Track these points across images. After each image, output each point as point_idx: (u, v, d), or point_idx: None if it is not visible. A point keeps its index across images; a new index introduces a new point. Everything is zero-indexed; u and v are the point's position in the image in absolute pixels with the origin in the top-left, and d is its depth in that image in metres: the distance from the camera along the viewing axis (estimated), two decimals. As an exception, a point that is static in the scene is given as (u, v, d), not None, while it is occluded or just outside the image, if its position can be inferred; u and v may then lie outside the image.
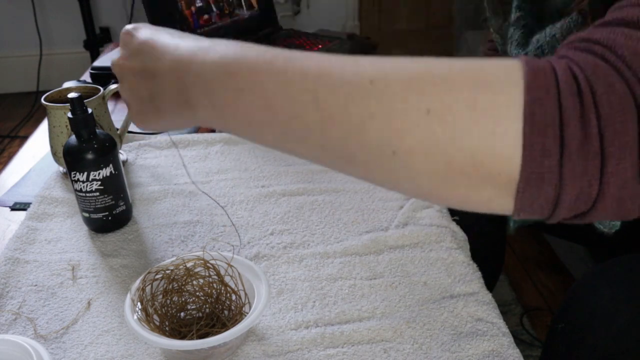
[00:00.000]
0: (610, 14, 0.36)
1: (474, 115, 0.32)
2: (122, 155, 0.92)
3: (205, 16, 1.20)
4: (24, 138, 1.73)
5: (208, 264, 0.59)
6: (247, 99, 0.38)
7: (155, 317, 0.56)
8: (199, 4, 1.19)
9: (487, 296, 0.64)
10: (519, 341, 1.22)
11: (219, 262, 0.59)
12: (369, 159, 0.36)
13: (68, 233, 0.75)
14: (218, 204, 0.80)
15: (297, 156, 0.40)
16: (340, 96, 0.35)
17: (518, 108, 0.31)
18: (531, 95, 0.31)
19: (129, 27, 0.49)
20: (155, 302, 0.57)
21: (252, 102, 0.38)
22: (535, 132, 0.31)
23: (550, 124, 0.31)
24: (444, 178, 0.34)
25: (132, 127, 1.00)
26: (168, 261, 0.60)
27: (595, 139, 0.31)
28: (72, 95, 0.68)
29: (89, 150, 0.69)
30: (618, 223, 0.67)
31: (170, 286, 0.58)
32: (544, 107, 0.31)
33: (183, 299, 0.59)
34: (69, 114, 0.68)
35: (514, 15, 0.67)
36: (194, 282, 0.59)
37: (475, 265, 0.69)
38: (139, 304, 0.56)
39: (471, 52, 1.86)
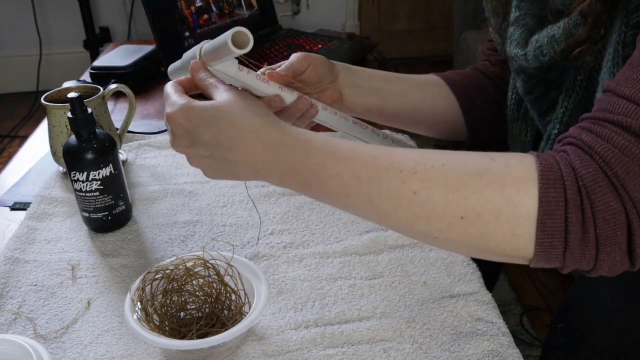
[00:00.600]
0: (599, 104, 0.46)
1: (498, 222, 0.43)
2: (122, 155, 0.92)
3: (205, 16, 1.20)
4: (24, 138, 1.73)
5: (208, 264, 0.59)
6: (314, 192, 0.49)
7: (155, 317, 0.56)
8: (199, 4, 1.19)
9: (487, 296, 0.64)
10: (519, 341, 1.22)
11: (219, 262, 0.59)
12: (418, 238, 0.48)
13: (68, 233, 0.75)
14: (254, 205, 0.80)
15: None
16: (391, 201, 0.45)
17: (533, 218, 0.41)
18: (544, 209, 0.41)
19: (173, 113, 0.52)
20: (155, 302, 0.57)
21: (317, 194, 0.49)
22: (546, 236, 0.42)
23: (557, 231, 0.41)
24: (477, 254, 0.46)
25: (132, 127, 1.00)
26: (168, 261, 0.60)
27: (592, 240, 0.41)
28: (72, 95, 0.68)
29: (89, 150, 0.69)
30: None
31: (170, 286, 0.58)
32: (554, 218, 0.41)
33: (183, 299, 0.59)
34: (69, 114, 0.68)
35: (513, 15, 0.67)
36: (194, 282, 0.59)
37: (475, 265, 0.69)
38: (139, 304, 0.56)
39: (471, 52, 1.86)
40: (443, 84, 0.77)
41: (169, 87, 0.55)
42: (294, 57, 0.66)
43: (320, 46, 1.25)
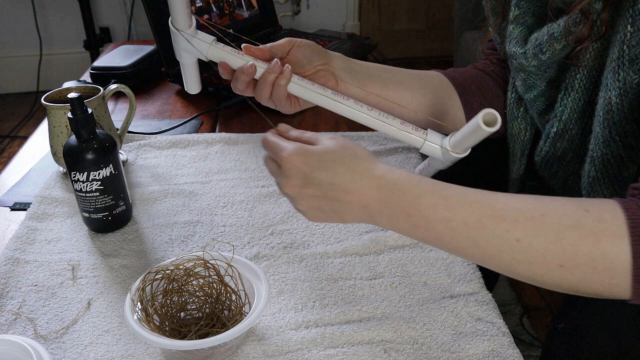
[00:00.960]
0: None
1: (595, 272, 0.45)
2: (122, 155, 0.92)
3: (205, 16, 1.20)
4: (24, 138, 1.74)
5: (208, 264, 0.59)
6: (421, 232, 0.52)
7: (155, 317, 0.56)
8: (198, 4, 1.19)
9: (487, 296, 0.64)
10: (519, 341, 1.22)
11: (219, 262, 0.59)
12: (520, 279, 0.50)
13: (68, 233, 0.75)
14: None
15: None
16: (495, 246, 0.48)
17: (628, 270, 0.44)
18: (637, 262, 0.44)
19: (289, 156, 0.54)
20: (155, 302, 0.57)
21: (424, 234, 0.52)
22: None
23: None
24: (576, 294, 0.49)
25: (132, 127, 1.00)
26: (168, 261, 0.60)
27: None
28: (72, 95, 0.68)
29: (89, 150, 0.69)
30: None
31: (170, 286, 0.58)
32: None
33: (183, 299, 0.59)
34: (69, 114, 0.68)
35: (512, 14, 0.67)
36: (194, 282, 0.59)
37: (475, 265, 0.69)
38: (139, 304, 0.56)
39: (471, 52, 1.86)
40: (444, 79, 0.77)
41: (272, 135, 0.58)
42: (277, 42, 0.67)
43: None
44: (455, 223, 0.49)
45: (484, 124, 0.56)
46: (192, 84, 0.72)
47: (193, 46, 0.64)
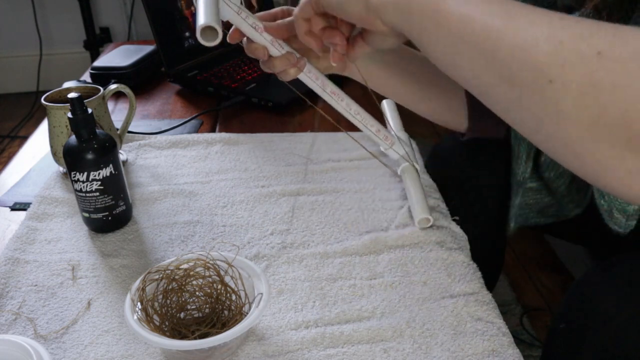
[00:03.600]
0: None
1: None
2: (122, 155, 0.92)
3: (205, 16, 1.20)
4: (24, 138, 1.73)
5: (208, 264, 0.59)
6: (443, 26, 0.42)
7: (155, 317, 0.56)
8: (199, 4, 1.19)
9: (487, 296, 0.64)
10: (519, 341, 1.22)
11: (219, 262, 0.59)
12: (526, 82, 0.36)
13: (68, 233, 0.75)
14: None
15: (456, 68, 0.43)
16: (508, 13, 0.38)
17: None
18: None
19: None
20: (155, 302, 0.57)
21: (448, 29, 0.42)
22: None
23: None
24: (589, 129, 0.33)
25: (132, 127, 1.00)
26: (168, 261, 0.60)
27: None
28: (72, 95, 0.68)
29: (89, 150, 0.69)
30: (633, 223, 0.67)
31: (170, 286, 0.58)
32: None
33: (183, 299, 0.59)
34: (69, 114, 0.68)
35: None
36: (194, 282, 0.59)
37: (475, 265, 0.69)
38: (139, 304, 0.56)
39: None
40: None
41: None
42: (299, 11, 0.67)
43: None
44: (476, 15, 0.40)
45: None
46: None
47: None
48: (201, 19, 0.55)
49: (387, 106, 0.98)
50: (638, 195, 0.34)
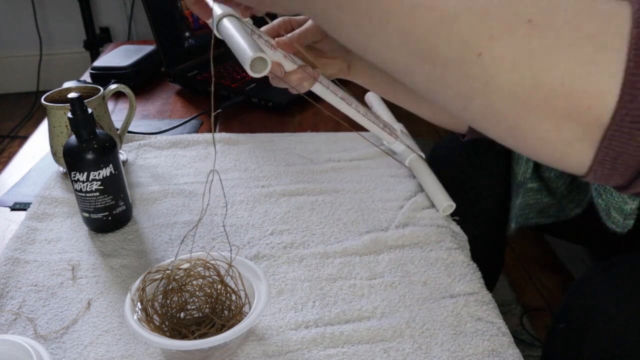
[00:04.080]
0: None
1: (576, 37, 0.29)
2: (122, 155, 0.92)
3: (205, 16, 1.20)
4: (24, 138, 1.73)
5: (208, 264, 0.59)
6: (345, 13, 0.37)
7: (155, 317, 0.56)
8: (199, 4, 1.19)
9: (487, 296, 0.64)
10: (519, 341, 1.22)
11: (219, 262, 0.59)
12: (451, 57, 0.32)
13: (68, 233, 0.75)
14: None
15: (375, 46, 0.37)
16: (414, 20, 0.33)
17: (624, 40, 0.28)
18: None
19: None
20: (155, 302, 0.57)
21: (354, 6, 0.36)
22: None
23: None
24: (524, 102, 0.30)
25: (132, 127, 1.00)
26: (168, 261, 0.60)
27: None
28: (72, 95, 0.68)
29: (89, 150, 0.69)
30: (631, 222, 0.67)
31: (170, 286, 0.58)
32: None
33: (183, 299, 0.59)
34: (69, 114, 0.68)
35: None
36: (194, 282, 0.59)
37: (475, 265, 0.69)
38: (139, 304, 0.56)
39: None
40: None
41: None
42: (312, 26, 0.67)
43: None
44: None
45: (250, 67, 0.51)
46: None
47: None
48: (248, 51, 0.50)
49: (373, 99, 0.99)
50: (574, 164, 0.31)
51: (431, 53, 0.33)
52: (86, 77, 1.24)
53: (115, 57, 1.23)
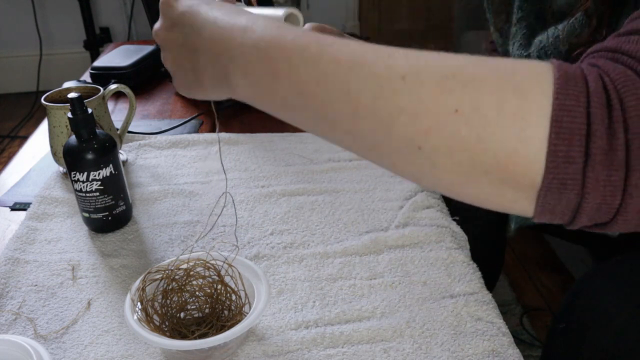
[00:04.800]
0: (630, 24, 0.36)
1: (501, 119, 0.33)
2: (122, 155, 0.92)
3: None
4: (24, 138, 1.73)
5: (208, 264, 0.59)
6: (282, 83, 0.39)
7: (155, 317, 0.56)
8: (199, 4, 1.19)
9: (487, 296, 0.64)
10: (519, 341, 1.22)
11: (219, 262, 0.59)
12: (395, 152, 0.36)
13: (68, 233, 0.75)
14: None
15: (329, 141, 0.41)
16: (371, 89, 0.36)
17: (546, 114, 0.32)
18: (560, 103, 0.32)
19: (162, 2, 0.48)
20: (155, 302, 0.57)
21: (286, 87, 0.39)
22: (561, 139, 0.31)
23: (577, 133, 0.31)
24: (467, 177, 0.35)
25: (132, 127, 1.00)
26: (168, 261, 0.60)
27: (621, 151, 0.31)
28: (72, 95, 0.68)
29: (89, 150, 0.69)
30: None
31: (170, 286, 0.58)
32: (572, 115, 0.31)
33: (183, 299, 0.59)
34: (69, 114, 0.68)
35: (515, 16, 0.67)
36: (194, 282, 0.59)
37: (475, 265, 0.69)
38: (139, 304, 0.56)
39: (471, 52, 1.86)
40: None
41: None
42: (308, 25, 0.66)
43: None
44: (325, 63, 0.37)
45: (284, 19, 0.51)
46: None
47: None
48: (279, 11, 0.51)
49: None
50: (520, 213, 0.35)
51: (378, 150, 0.38)
52: (86, 77, 1.24)
53: (115, 57, 1.23)
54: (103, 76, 1.18)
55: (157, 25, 0.49)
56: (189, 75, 0.47)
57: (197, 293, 0.59)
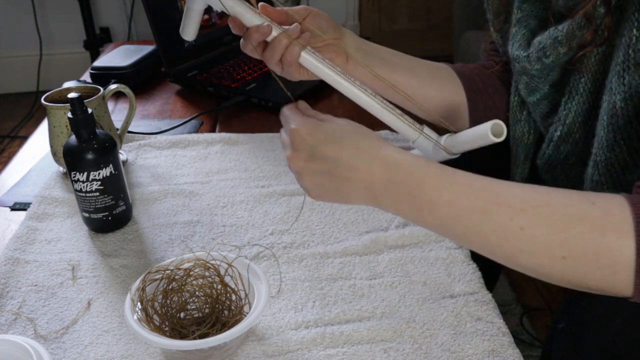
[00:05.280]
0: None
1: (598, 267, 0.45)
2: (122, 155, 0.92)
3: (205, 16, 1.20)
4: (24, 138, 1.73)
5: (208, 264, 0.59)
6: (425, 217, 0.51)
7: (155, 317, 0.56)
8: (199, 4, 1.19)
9: (487, 296, 0.64)
10: (519, 341, 1.22)
11: (219, 262, 0.59)
12: (522, 270, 0.49)
13: (68, 233, 0.75)
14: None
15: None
16: (498, 234, 0.48)
17: (631, 265, 0.44)
18: None
19: (297, 129, 0.54)
20: (155, 302, 0.57)
21: (429, 219, 0.51)
22: None
23: None
24: (576, 288, 0.48)
25: (132, 127, 1.00)
26: (168, 261, 0.60)
27: None
28: (72, 95, 0.68)
29: (89, 150, 0.69)
30: None
31: (170, 286, 0.58)
32: None
33: (183, 299, 0.59)
34: (69, 114, 0.68)
35: (515, 16, 0.67)
36: (194, 282, 0.59)
37: (475, 265, 0.69)
38: (139, 304, 0.56)
39: (471, 53, 1.86)
40: (452, 71, 0.77)
41: (288, 109, 0.57)
42: (294, 7, 0.67)
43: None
44: (459, 208, 0.48)
45: (492, 134, 0.55)
46: (190, 30, 0.67)
47: None
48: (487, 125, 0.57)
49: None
50: (620, 295, 0.47)
51: (504, 262, 0.50)
52: (86, 77, 1.24)
53: (115, 57, 1.23)
54: (103, 76, 1.18)
55: (291, 154, 0.54)
56: (332, 194, 0.54)
57: (197, 293, 0.59)
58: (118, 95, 1.15)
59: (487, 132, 0.55)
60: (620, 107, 0.55)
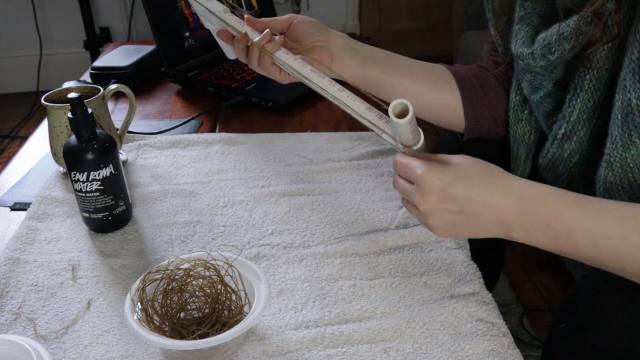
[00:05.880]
0: None
1: None
2: (122, 155, 0.92)
3: (205, 16, 1.20)
4: (24, 138, 1.73)
5: (208, 264, 0.59)
6: (562, 245, 0.53)
7: (155, 317, 0.56)
8: (199, 4, 1.19)
9: (487, 296, 0.64)
10: (519, 341, 1.22)
11: (219, 262, 0.59)
12: None
13: (68, 233, 0.75)
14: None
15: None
16: (636, 259, 0.50)
17: None
18: None
19: (425, 173, 0.55)
20: (155, 302, 0.57)
21: (565, 247, 0.53)
22: None
23: None
24: None
25: (132, 127, 1.00)
26: (168, 261, 0.60)
27: None
28: (72, 95, 0.68)
29: (89, 150, 0.69)
30: None
31: (170, 286, 0.58)
32: None
33: (183, 299, 0.59)
34: (69, 114, 0.68)
35: (517, 14, 0.67)
36: (194, 283, 0.59)
37: (475, 265, 0.69)
38: (139, 304, 0.56)
39: (471, 53, 1.86)
40: (447, 71, 0.77)
41: (403, 157, 0.58)
42: (279, 17, 0.73)
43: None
44: (598, 235, 0.50)
45: (395, 116, 0.54)
46: (227, 51, 0.77)
47: (206, 8, 0.72)
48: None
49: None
50: None
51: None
52: (86, 77, 1.24)
53: (115, 57, 1.23)
54: (103, 76, 1.18)
55: (420, 198, 0.55)
56: (461, 230, 0.56)
57: (197, 293, 0.59)
58: (118, 95, 1.15)
59: (391, 118, 0.54)
60: (636, 105, 0.54)
